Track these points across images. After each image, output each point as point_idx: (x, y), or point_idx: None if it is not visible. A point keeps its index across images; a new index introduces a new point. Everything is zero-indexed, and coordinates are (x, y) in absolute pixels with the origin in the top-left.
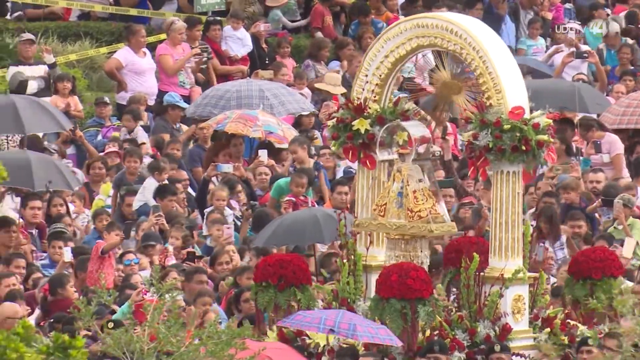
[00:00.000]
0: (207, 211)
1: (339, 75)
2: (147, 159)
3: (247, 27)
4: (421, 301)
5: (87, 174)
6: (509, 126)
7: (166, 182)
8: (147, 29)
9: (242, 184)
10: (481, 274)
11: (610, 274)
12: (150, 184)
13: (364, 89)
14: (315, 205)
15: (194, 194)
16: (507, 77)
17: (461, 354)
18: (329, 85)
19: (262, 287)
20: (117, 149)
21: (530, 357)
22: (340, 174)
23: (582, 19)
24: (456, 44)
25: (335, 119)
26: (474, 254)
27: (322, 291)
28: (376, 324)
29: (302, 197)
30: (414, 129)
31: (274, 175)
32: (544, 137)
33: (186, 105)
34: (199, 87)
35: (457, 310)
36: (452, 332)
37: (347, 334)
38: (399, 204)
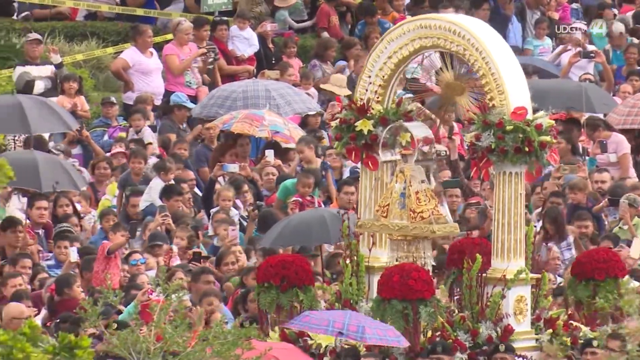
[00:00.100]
0: (213, 211)
1: (344, 76)
2: (153, 159)
3: (253, 27)
4: (423, 302)
5: (92, 174)
6: (511, 127)
7: (172, 182)
8: (154, 29)
9: (249, 184)
10: (483, 275)
11: (613, 274)
12: (156, 184)
13: (367, 90)
14: (322, 205)
15: (201, 194)
16: (510, 78)
17: (463, 355)
18: (335, 86)
19: (265, 288)
20: (123, 150)
21: (532, 358)
22: (347, 174)
23: (589, 19)
24: (459, 45)
25: (338, 119)
26: (477, 254)
27: (326, 292)
28: (384, 325)
29: (308, 198)
30: (417, 130)
31: (280, 175)
32: (547, 138)
33: (192, 105)
34: (205, 87)
35: (460, 311)
36: (454, 333)
37: (355, 336)
38: (402, 205)
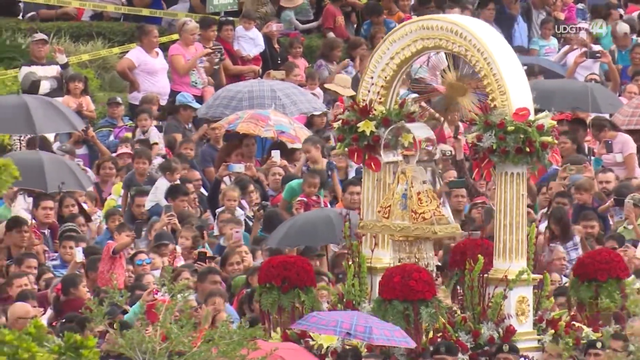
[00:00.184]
0: (219, 211)
1: (348, 76)
2: (159, 160)
3: (259, 27)
4: (423, 302)
5: (97, 174)
6: (512, 128)
7: (178, 182)
8: (159, 29)
9: (255, 184)
10: (485, 275)
11: (615, 275)
12: (161, 184)
13: (369, 91)
14: (328, 205)
15: (206, 194)
16: (512, 78)
17: (464, 356)
18: (339, 86)
19: (266, 289)
20: (129, 150)
21: (534, 359)
22: (352, 175)
23: (595, 18)
24: (461, 46)
25: (340, 120)
26: (478, 255)
27: (329, 292)
28: (391, 325)
29: (314, 198)
30: (418, 131)
31: (286, 175)
32: (548, 138)
33: (198, 105)
34: (211, 87)
35: (462, 312)
36: (456, 334)
37: (363, 337)
38: (403, 206)
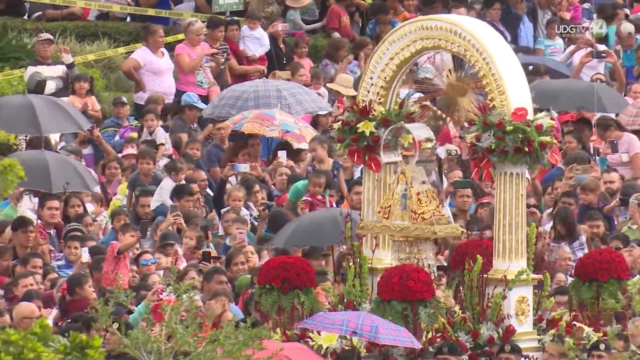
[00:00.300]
0: (224, 211)
1: (350, 76)
2: (165, 160)
3: (264, 27)
4: (422, 303)
5: (103, 174)
6: (511, 127)
7: (183, 182)
8: (165, 29)
9: (261, 184)
10: (485, 275)
11: (616, 275)
12: (167, 185)
13: (369, 92)
14: (333, 205)
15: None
16: (510, 78)
17: (464, 356)
18: (341, 86)
19: (266, 290)
20: (134, 151)
21: (535, 359)
22: (358, 174)
23: (604, 18)
24: (460, 46)
25: (340, 121)
26: (477, 255)
27: (328, 293)
28: (397, 325)
29: (319, 197)
30: (418, 131)
31: (292, 175)
32: (547, 138)
33: (204, 105)
34: (217, 87)
35: (462, 312)
36: (455, 334)
37: (369, 336)
38: (403, 206)
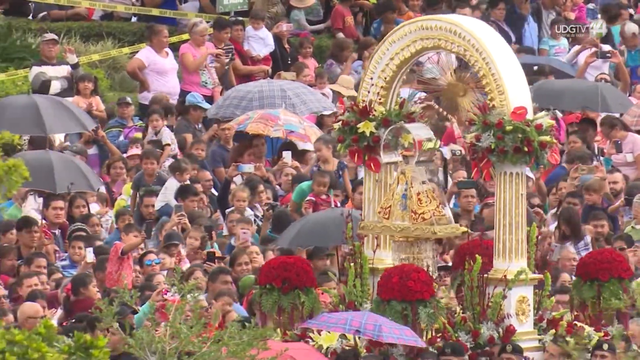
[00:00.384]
0: (228, 211)
1: (351, 78)
2: (170, 161)
3: (269, 27)
4: (422, 303)
5: (108, 174)
6: (511, 127)
7: (188, 182)
8: (169, 29)
9: (265, 185)
10: (485, 275)
11: (617, 275)
12: (171, 185)
13: (369, 92)
14: (338, 204)
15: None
16: (510, 78)
17: (464, 356)
18: (342, 87)
19: (266, 290)
20: (139, 152)
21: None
22: (362, 174)
23: (608, 18)
24: (460, 46)
25: (340, 121)
26: (477, 255)
27: (331, 294)
28: (400, 325)
29: (323, 197)
30: (418, 131)
31: (297, 175)
32: (547, 138)
33: (208, 105)
34: (221, 87)
35: (463, 312)
36: (455, 334)
37: (372, 334)
38: (403, 206)
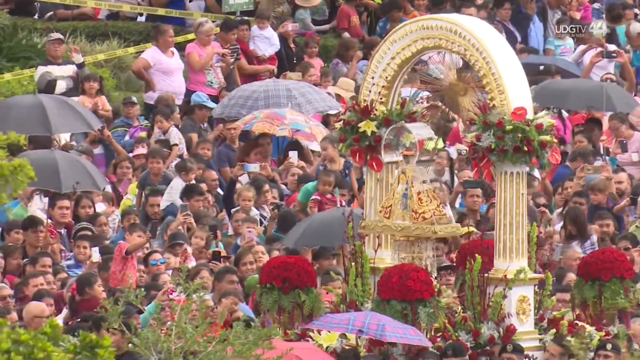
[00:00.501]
0: (233, 211)
1: (352, 81)
2: (176, 160)
3: (274, 27)
4: (421, 302)
5: (114, 174)
6: (511, 127)
7: (193, 182)
8: (175, 29)
9: (271, 184)
10: (486, 275)
11: (619, 275)
12: (177, 184)
13: (370, 91)
14: (343, 204)
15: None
16: (510, 78)
17: (465, 356)
18: (342, 89)
19: (267, 289)
20: (145, 151)
21: (535, 358)
22: None
23: (611, 18)
24: (460, 45)
25: (342, 121)
26: (476, 255)
27: (333, 293)
28: (404, 324)
29: (328, 196)
30: (419, 131)
31: (302, 175)
32: (547, 137)
33: (214, 105)
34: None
35: (464, 311)
36: (456, 334)
37: (375, 334)
38: (404, 206)
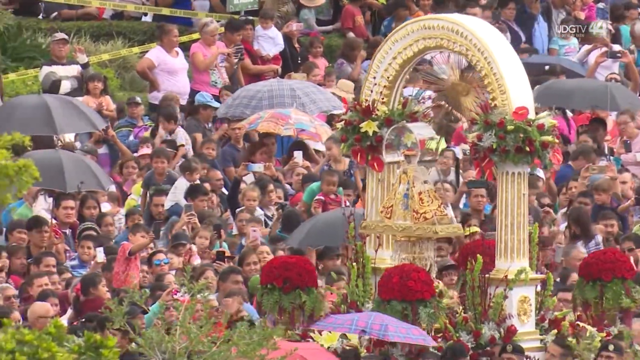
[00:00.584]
0: (238, 211)
1: (351, 82)
2: (181, 160)
3: (279, 27)
4: (422, 302)
5: (120, 174)
6: (512, 127)
7: (198, 182)
8: (180, 29)
9: (275, 184)
10: (487, 275)
11: (620, 275)
12: (181, 184)
13: (372, 91)
14: (347, 204)
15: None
16: (512, 78)
17: (466, 357)
18: (342, 91)
19: (268, 290)
20: (150, 151)
21: (536, 359)
22: None
23: (614, 17)
24: (462, 45)
25: (343, 121)
26: (477, 255)
27: (338, 293)
28: (407, 324)
29: (332, 196)
30: (420, 131)
31: (306, 175)
32: (549, 137)
33: (218, 104)
34: (231, 86)
35: (465, 312)
36: (457, 334)
37: (378, 334)
38: (405, 206)
